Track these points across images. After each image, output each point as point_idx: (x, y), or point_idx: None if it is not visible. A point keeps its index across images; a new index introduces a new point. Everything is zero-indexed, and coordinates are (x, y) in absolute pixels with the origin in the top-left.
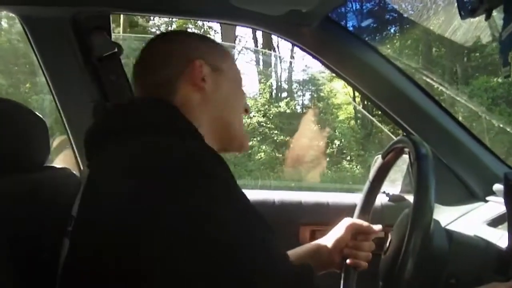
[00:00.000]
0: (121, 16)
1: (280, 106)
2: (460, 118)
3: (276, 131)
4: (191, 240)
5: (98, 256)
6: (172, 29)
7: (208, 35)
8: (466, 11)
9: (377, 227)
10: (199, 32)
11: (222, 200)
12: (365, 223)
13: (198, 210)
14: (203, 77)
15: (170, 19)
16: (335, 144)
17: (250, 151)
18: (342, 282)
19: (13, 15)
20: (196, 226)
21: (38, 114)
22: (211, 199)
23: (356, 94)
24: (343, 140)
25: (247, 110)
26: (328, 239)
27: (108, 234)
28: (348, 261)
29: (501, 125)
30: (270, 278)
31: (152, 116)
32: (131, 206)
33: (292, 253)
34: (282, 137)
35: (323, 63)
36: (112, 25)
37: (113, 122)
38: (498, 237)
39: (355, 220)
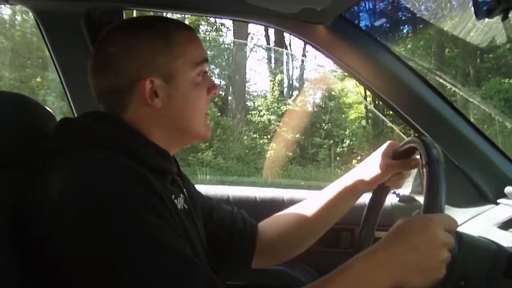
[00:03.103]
0: (134, 12)
1: (290, 104)
2: (472, 120)
3: (286, 129)
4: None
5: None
6: None
7: (194, 31)
8: (482, 11)
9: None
10: (211, 29)
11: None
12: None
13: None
14: (155, 91)
15: (183, 15)
16: (346, 143)
17: (259, 150)
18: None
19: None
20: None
21: (48, 109)
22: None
23: (368, 93)
24: (353, 140)
25: (214, 92)
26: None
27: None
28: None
29: None
30: None
31: (92, 133)
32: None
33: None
34: (292, 135)
35: (335, 62)
36: None
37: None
38: (509, 240)
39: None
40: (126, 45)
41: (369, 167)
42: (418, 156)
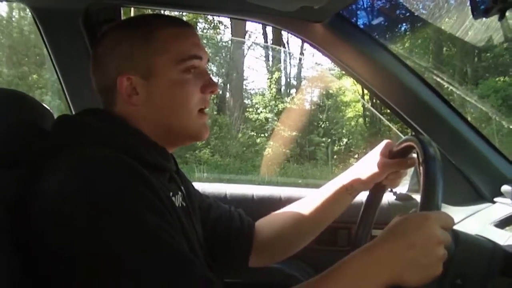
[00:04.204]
0: (132, 9)
1: (288, 102)
2: (470, 119)
3: (283, 127)
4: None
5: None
6: None
7: (186, 27)
8: (479, 11)
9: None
10: (208, 26)
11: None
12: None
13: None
14: (134, 88)
15: (181, 13)
16: (343, 142)
17: (257, 147)
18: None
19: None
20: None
21: (46, 106)
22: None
23: (365, 92)
24: (350, 138)
25: (210, 90)
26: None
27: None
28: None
29: (511, 126)
30: None
31: (85, 130)
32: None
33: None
34: (289, 133)
35: (332, 60)
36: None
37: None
38: (505, 239)
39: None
40: (111, 44)
41: (365, 166)
42: (414, 155)
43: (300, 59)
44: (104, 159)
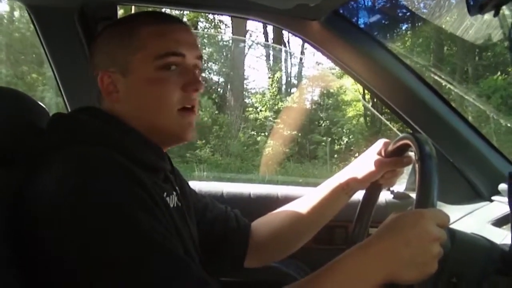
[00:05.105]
0: (132, 8)
1: (288, 101)
2: (469, 118)
3: (284, 126)
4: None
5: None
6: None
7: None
8: (474, 7)
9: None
10: (209, 26)
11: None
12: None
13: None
14: (115, 85)
15: (181, 11)
16: (343, 141)
17: (257, 147)
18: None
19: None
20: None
21: (42, 105)
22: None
23: (366, 91)
24: (351, 137)
25: (193, 89)
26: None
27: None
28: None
29: (509, 125)
30: None
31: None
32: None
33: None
34: (290, 132)
35: (329, 58)
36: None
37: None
38: (502, 237)
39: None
40: (99, 42)
41: (362, 165)
42: (411, 153)
43: (300, 58)
44: (97, 158)
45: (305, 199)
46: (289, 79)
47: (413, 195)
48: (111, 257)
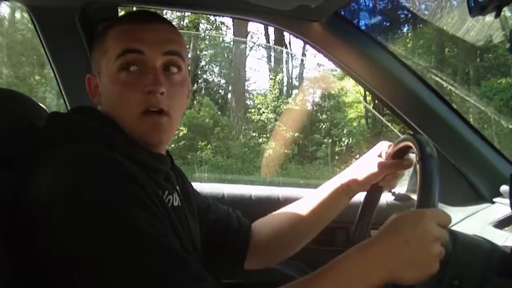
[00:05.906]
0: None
1: (289, 103)
2: (471, 119)
3: (285, 128)
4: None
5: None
6: (184, 24)
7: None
8: (475, 8)
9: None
10: (210, 27)
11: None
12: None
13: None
14: (97, 88)
15: (183, 13)
16: (344, 142)
17: (258, 148)
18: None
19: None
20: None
21: (42, 106)
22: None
23: (367, 93)
24: (351, 139)
25: (148, 91)
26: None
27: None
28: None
29: (511, 126)
30: None
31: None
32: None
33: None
34: (291, 134)
35: (330, 59)
36: None
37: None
38: (504, 239)
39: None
40: (95, 44)
41: (362, 167)
42: (412, 155)
43: (302, 60)
44: (90, 156)
45: (305, 200)
46: (290, 80)
47: (415, 196)
48: (109, 254)
